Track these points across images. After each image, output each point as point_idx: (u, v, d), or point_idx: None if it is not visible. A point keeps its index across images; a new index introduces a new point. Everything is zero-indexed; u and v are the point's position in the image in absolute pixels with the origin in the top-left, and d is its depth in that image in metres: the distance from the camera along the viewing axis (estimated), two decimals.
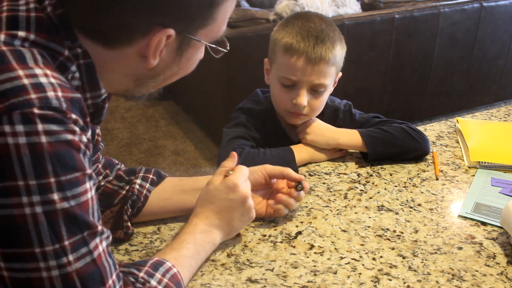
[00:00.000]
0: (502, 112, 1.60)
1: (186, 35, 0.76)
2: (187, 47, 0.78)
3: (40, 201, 0.62)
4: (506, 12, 3.12)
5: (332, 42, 1.20)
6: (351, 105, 1.39)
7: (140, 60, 0.75)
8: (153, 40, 0.72)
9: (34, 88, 0.63)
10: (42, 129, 0.62)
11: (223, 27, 0.81)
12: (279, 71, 1.24)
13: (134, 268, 0.79)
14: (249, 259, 0.96)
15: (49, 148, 0.62)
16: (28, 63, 0.65)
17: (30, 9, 0.70)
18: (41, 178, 0.62)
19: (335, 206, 1.12)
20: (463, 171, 1.27)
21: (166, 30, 0.72)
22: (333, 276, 0.92)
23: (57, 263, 0.64)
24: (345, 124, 1.34)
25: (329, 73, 1.22)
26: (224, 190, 0.95)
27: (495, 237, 1.02)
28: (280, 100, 1.26)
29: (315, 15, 1.26)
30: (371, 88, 2.96)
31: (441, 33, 2.98)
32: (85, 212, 0.66)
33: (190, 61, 0.81)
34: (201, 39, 0.78)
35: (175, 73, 0.82)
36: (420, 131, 1.30)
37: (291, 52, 1.19)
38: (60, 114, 0.64)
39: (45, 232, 0.63)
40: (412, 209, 1.11)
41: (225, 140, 1.26)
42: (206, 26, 0.77)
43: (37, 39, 0.68)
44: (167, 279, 0.80)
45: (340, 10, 2.71)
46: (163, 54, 0.76)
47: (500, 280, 0.91)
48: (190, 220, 0.94)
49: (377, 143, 1.26)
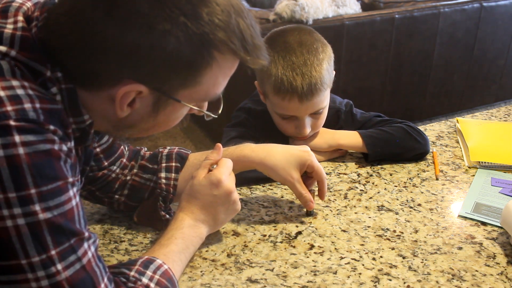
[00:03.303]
0: (502, 112, 1.59)
1: (161, 93, 0.73)
2: (164, 105, 0.74)
3: (21, 213, 0.62)
4: (506, 12, 3.12)
5: (319, 68, 1.16)
6: (352, 104, 1.38)
7: (111, 105, 0.73)
8: (119, 92, 0.70)
9: (10, 101, 0.62)
10: (19, 141, 0.61)
11: (215, 90, 0.77)
12: (274, 108, 1.23)
13: (124, 268, 0.79)
14: (249, 259, 0.96)
15: (28, 159, 0.62)
16: (5, 76, 0.64)
17: (18, 28, 0.69)
18: (21, 190, 0.62)
19: (335, 206, 1.12)
20: (463, 171, 1.27)
21: (136, 85, 0.70)
22: (333, 276, 0.92)
23: (46, 273, 0.64)
24: (347, 125, 1.34)
25: (324, 97, 1.21)
26: (208, 185, 0.94)
27: (495, 237, 1.02)
28: (282, 128, 1.26)
29: (292, 34, 1.19)
30: (371, 88, 2.96)
31: (441, 33, 2.97)
32: (70, 220, 0.66)
33: (169, 118, 0.78)
34: (181, 100, 0.75)
35: (152, 126, 0.79)
36: (420, 130, 1.29)
37: (282, 94, 1.17)
38: (37, 125, 0.63)
39: (29, 243, 0.62)
40: (412, 209, 1.11)
41: (225, 140, 1.26)
42: (188, 87, 0.74)
43: (18, 56, 0.67)
44: (158, 275, 0.80)
45: (340, 10, 2.71)
46: (136, 107, 0.73)
47: (500, 280, 0.91)
48: (176, 215, 0.95)
49: (378, 144, 1.26)
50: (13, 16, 0.70)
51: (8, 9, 0.71)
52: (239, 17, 0.72)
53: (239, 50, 0.72)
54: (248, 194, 1.16)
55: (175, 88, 0.73)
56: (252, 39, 0.73)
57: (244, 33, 0.72)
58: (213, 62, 0.72)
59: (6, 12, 0.71)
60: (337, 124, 1.34)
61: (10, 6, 0.71)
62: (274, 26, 1.32)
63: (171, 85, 0.73)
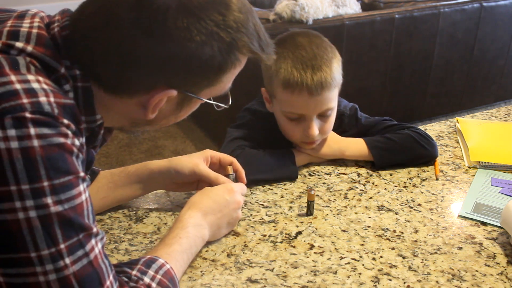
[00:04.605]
0: (502, 112, 1.60)
1: (188, 94, 0.77)
2: (188, 103, 0.80)
3: (34, 206, 0.62)
4: (506, 12, 3.12)
5: (328, 64, 1.15)
6: (357, 108, 1.36)
7: (139, 109, 0.76)
8: (154, 98, 0.74)
9: (26, 93, 0.63)
10: (34, 133, 0.62)
11: (228, 85, 0.82)
12: (282, 107, 1.20)
13: (126, 267, 0.79)
14: (249, 259, 0.96)
15: (42, 151, 0.62)
16: (21, 70, 0.65)
17: (33, 26, 0.71)
18: (34, 182, 0.62)
19: (335, 206, 1.12)
20: (463, 171, 1.27)
21: (169, 90, 0.74)
22: (333, 276, 0.92)
23: (54, 266, 0.64)
24: (351, 129, 1.32)
25: (333, 95, 1.18)
26: (222, 189, 1.01)
27: (495, 237, 1.02)
28: (290, 132, 1.23)
29: (301, 36, 1.19)
30: (371, 88, 2.96)
31: (441, 33, 2.97)
32: (80, 214, 0.66)
33: (187, 113, 0.83)
34: (202, 97, 0.80)
35: (171, 121, 0.83)
36: (428, 136, 1.27)
37: (290, 88, 1.15)
38: (51, 118, 0.64)
39: (40, 236, 0.63)
40: (412, 209, 1.11)
41: (227, 140, 1.25)
42: (211, 87, 0.79)
43: (34, 52, 0.68)
44: (160, 275, 0.80)
45: (340, 10, 2.71)
46: (163, 108, 0.77)
47: (500, 280, 0.91)
48: (184, 212, 0.95)
49: (384, 154, 1.25)
50: (30, 18, 0.73)
51: (24, 15, 0.74)
52: (253, 18, 0.78)
53: (258, 50, 0.78)
54: (248, 194, 1.16)
55: (202, 89, 0.78)
56: (265, 36, 0.80)
57: (259, 33, 0.79)
58: (237, 63, 0.78)
59: (23, 16, 0.73)
60: (340, 127, 1.32)
61: (27, 13, 0.74)
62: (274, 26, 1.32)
63: (200, 87, 0.77)
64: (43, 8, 0.86)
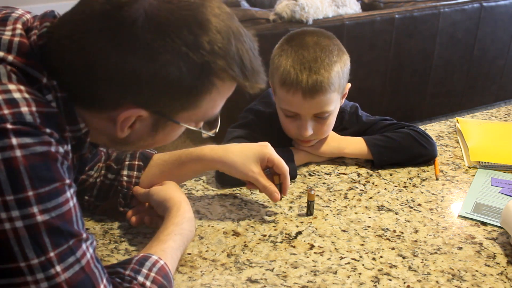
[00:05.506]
0: (502, 112, 1.60)
1: (161, 116, 0.74)
2: (164, 126, 0.76)
3: (19, 216, 0.62)
4: (506, 12, 3.12)
5: (328, 68, 1.15)
6: (357, 107, 1.37)
7: (112, 125, 0.74)
8: (120, 116, 0.71)
9: (7, 104, 0.63)
10: (16, 143, 0.61)
11: (213, 111, 0.78)
12: (279, 103, 1.22)
13: (119, 267, 0.79)
14: (249, 259, 0.96)
15: (25, 161, 0.62)
16: (1, 80, 0.65)
17: (16, 34, 0.69)
18: (19, 193, 0.62)
19: (335, 206, 1.12)
20: (463, 171, 1.27)
21: (137, 109, 0.71)
22: (333, 276, 0.92)
23: (45, 275, 0.64)
24: (351, 126, 1.33)
25: (330, 100, 1.18)
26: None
27: (495, 237, 1.02)
28: (286, 128, 1.24)
29: (311, 36, 1.19)
30: (371, 88, 2.96)
31: (441, 33, 2.97)
32: (68, 221, 0.66)
33: (167, 137, 0.80)
34: (180, 122, 0.76)
35: (150, 144, 0.81)
36: (427, 135, 1.27)
37: (286, 86, 1.16)
38: (33, 128, 0.63)
39: (28, 246, 0.62)
40: (412, 209, 1.11)
41: (226, 139, 1.25)
42: (188, 111, 0.75)
43: (15, 61, 0.67)
44: (154, 273, 0.80)
45: (340, 10, 2.71)
46: (136, 128, 0.75)
47: (500, 280, 0.91)
48: (178, 207, 0.95)
49: (383, 152, 1.25)
50: (12, 24, 0.71)
51: (7, 18, 0.72)
52: (239, 42, 0.73)
53: (239, 76, 0.73)
54: (248, 194, 1.16)
55: (175, 111, 0.75)
56: (251, 63, 0.75)
57: (243, 58, 0.73)
58: (213, 89, 0.73)
59: (5, 20, 0.71)
60: (341, 125, 1.32)
61: (10, 16, 0.72)
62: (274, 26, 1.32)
63: (171, 109, 0.74)
64: (43, 8, 0.85)
